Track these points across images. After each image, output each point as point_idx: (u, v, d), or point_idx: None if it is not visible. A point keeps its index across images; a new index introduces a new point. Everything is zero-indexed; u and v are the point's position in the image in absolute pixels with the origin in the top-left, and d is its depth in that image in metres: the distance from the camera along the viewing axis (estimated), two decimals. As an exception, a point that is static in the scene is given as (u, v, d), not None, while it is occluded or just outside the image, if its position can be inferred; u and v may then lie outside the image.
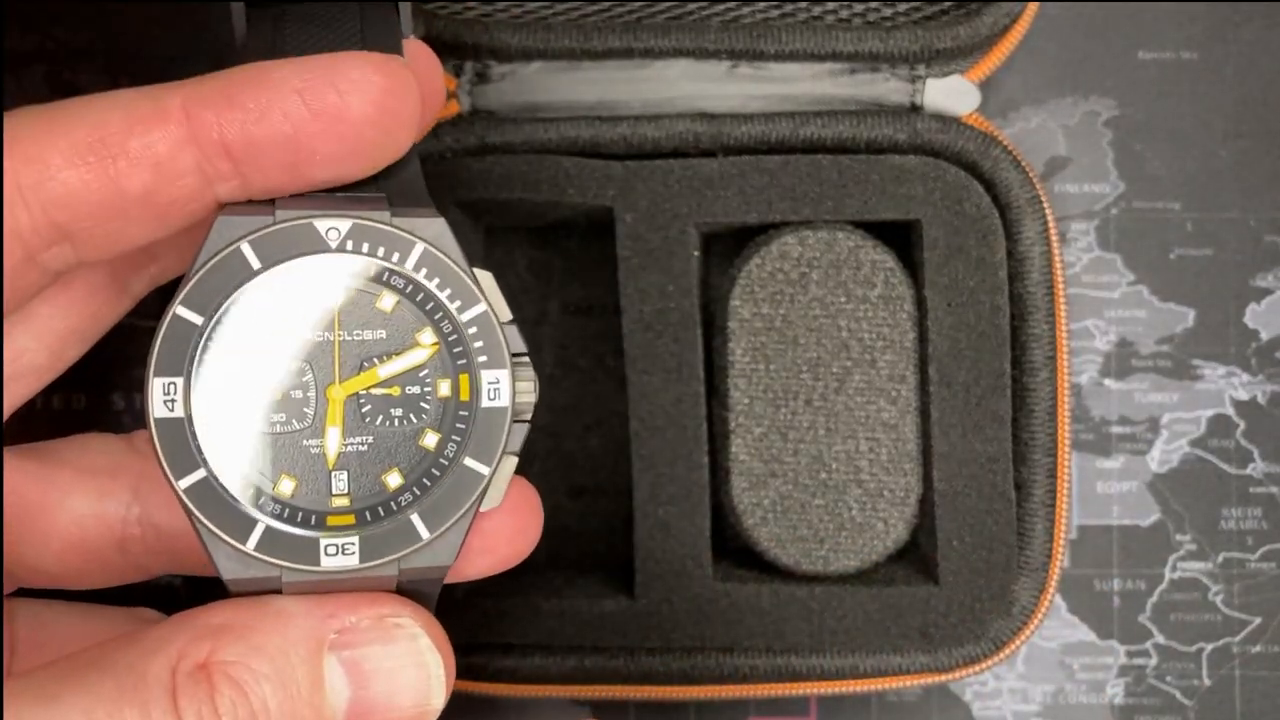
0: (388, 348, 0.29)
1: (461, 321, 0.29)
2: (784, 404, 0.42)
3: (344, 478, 0.28)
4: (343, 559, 0.28)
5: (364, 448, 0.28)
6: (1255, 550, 0.45)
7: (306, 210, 0.28)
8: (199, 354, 0.28)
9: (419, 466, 0.29)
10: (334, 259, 0.28)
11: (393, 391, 0.29)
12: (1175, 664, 0.45)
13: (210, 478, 0.27)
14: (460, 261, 0.29)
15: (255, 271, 0.28)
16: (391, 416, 0.29)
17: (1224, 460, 0.46)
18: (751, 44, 0.41)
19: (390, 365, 0.29)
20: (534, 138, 0.41)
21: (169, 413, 0.27)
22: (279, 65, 0.28)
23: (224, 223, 0.28)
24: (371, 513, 0.28)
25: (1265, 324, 0.46)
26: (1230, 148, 0.46)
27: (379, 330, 0.29)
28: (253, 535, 0.28)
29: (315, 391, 0.28)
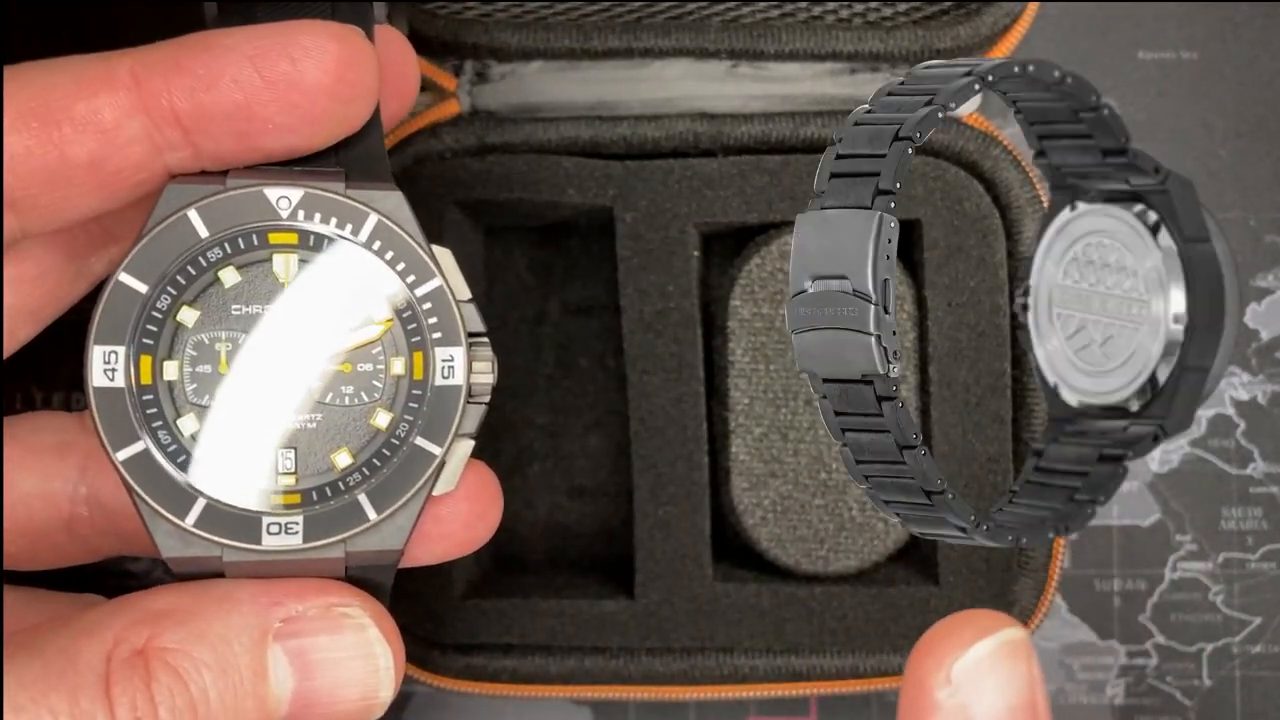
0: (339, 324, 0.28)
1: (415, 297, 0.28)
2: (784, 404, 0.42)
3: (291, 455, 0.28)
4: (285, 538, 0.27)
5: (312, 425, 0.28)
6: (1255, 550, 0.45)
7: (256, 177, 0.27)
8: (143, 324, 0.27)
9: (369, 446, 0.28)
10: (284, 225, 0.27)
11: (344, 368, 0.28)
12: (1175, 664, 0.45)
13: (149, 450, 0.27)
14: (417, 235, 0.28)
15: (203, 240, 0.27)
16: (342, 394, 0.28)
17: (1224, 460, 0.45)
18: (751, 44, 0.41)
19: (343, 340, 0.28)
20: (534, 138, 0.41)
21: (109, 382, 0.27)
22: (230, 32, 0.27)
23: (172, 189, 0.27)
24: (318, 492, 0.28)
25: (1266, 324, 0.46)
26: (1230, 148, 0.46)
27: (332, 304, 0.28)
28: (192, 511, 0.27)
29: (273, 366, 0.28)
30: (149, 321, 0.27)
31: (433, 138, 0.41)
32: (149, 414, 0.27)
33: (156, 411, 0.27)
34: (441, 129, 0.41)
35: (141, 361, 0.27)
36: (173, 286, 0.27)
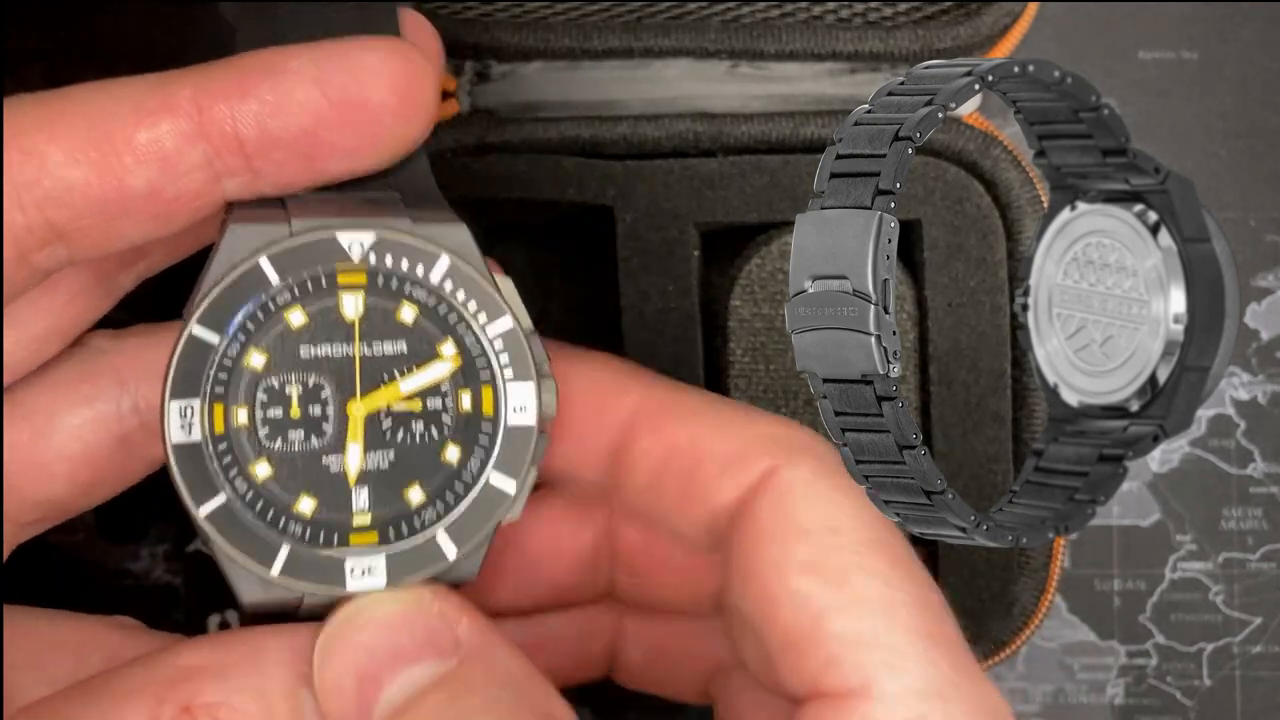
0: (408, 361, 0.28)
1: (487, 335, 0.28)
2: (784, 404, 0.42)
3: (365, 494, 0.27)
4: (369, 579, 0.27)
5: (385, 464, 0.28)
6: (1256, 550, 0.45)
7: (323, 219, 0.27)
8: (215, 373, 0.26)
9: (441, 481, 0.28)
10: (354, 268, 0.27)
11: (413, 406, 0.28)
12: (1176, 664, 0.45)
13: (231, 501, 0.26)
14: (483, 270, 0.28)
15: (274, 287, 0.27)
16: (413, 431, 0.28)
17: (1224, 460, 0.45)
18: (752, 44, 0.41)
19: (412, 380, 0.28)
20: (534, 137, 0.41)
21: (187, 437, 0.26)
22: (293, 53, 0.26)
23: (237, 232, 0.27)
24: (395, 529, 0.28)
25: (1266, 324, 0.46)
26: (1230, 147, 0.46)
27: (399, 342, 0.28)
28: (277, 560, 0.27)
29: (334, 407, 0.27)
30: (220, 370, 0.27)
31: (433, 137, 0.41)
32: (225, 463, 0.27)
33: (231, 460, 0.27)
34: (441, 129, 0.41)
35: (215, 410, 0.27)
36: (242, 333, 0.27)
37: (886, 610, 0.27)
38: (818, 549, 0.28)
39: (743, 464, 0.29)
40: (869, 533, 0.28)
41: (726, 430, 0.30)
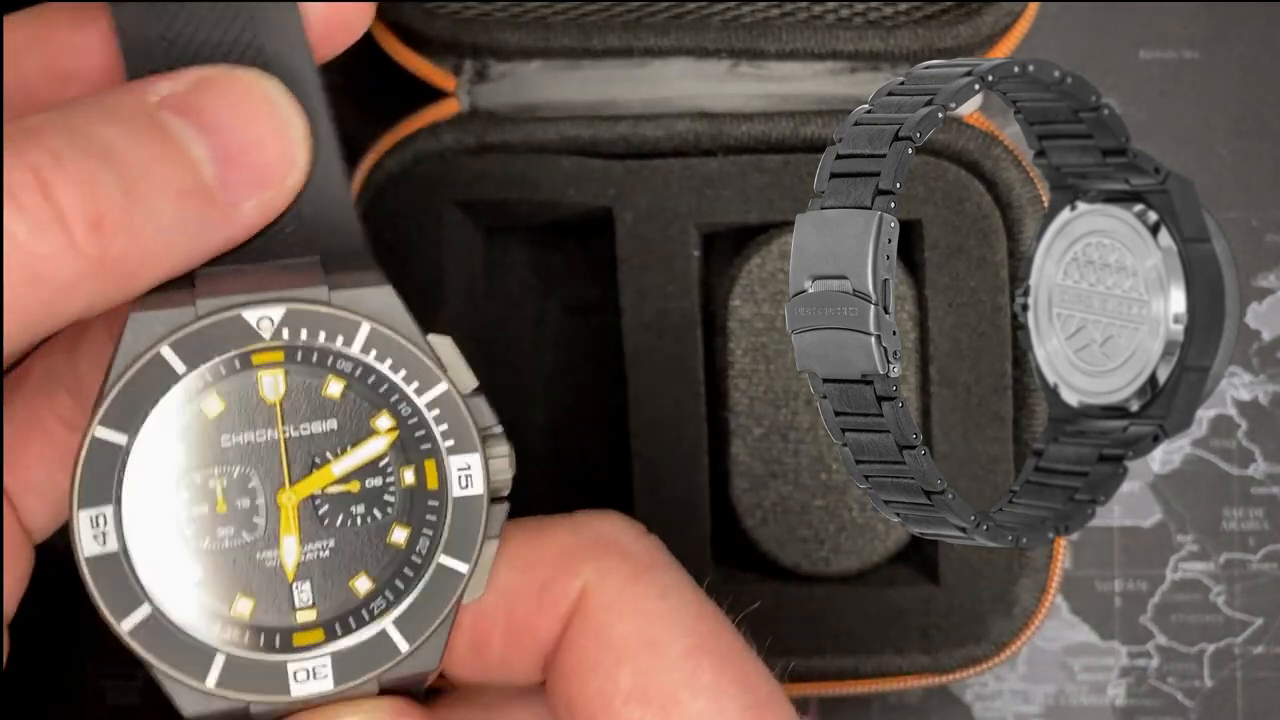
0: (340, 440, 0.25)
1: (420, 404, 0.26)
2: (784, 404, 0.42)
3: (307, 589, 0.25)
4: (315, 684, 0.25)
5: (325, 553, 0.25)
6: (1257, 551, 0.45)
7: (230, 296, 0.25)
8: (125, 475, 0.24)
9: (389, 567, 0.26)
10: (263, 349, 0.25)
11: (351, 487, 0.26)
12: (1177, 665, 0.45)
13: (156, 613, 0.24)
14: (413, 333, 0.26)
15: (179, 375, 0.25)
16: (353, 515, 0.26)
17: (1226, 461, 0.45)
18: (752, 43, 0.41)
19: (345, 460, 0.25)
20: (534, 137, 0.41)
21: (101, 548, 0.24)
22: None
23: (137, 320, 0.24)
24: (342, 624, 0.26)
25: (1267, 324, 0.46)
26: (1232, 147, 0.46)
27: (329, 420, 0.25)
28: (212, 670, 0.25)
29: (264, 498, 0.25)
30: (134, 471, 0.25)
31: (432, 137, 0.41)
32: (149, 570, 0.25)
33: (157, 565, 0.25)
34: (441, 128, 0.41)
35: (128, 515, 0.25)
36: (154, 429, 0.25)
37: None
38: (640, 672, 0.26)
39: (554, 592, 0.27)
40: (689, 640, 0.26)
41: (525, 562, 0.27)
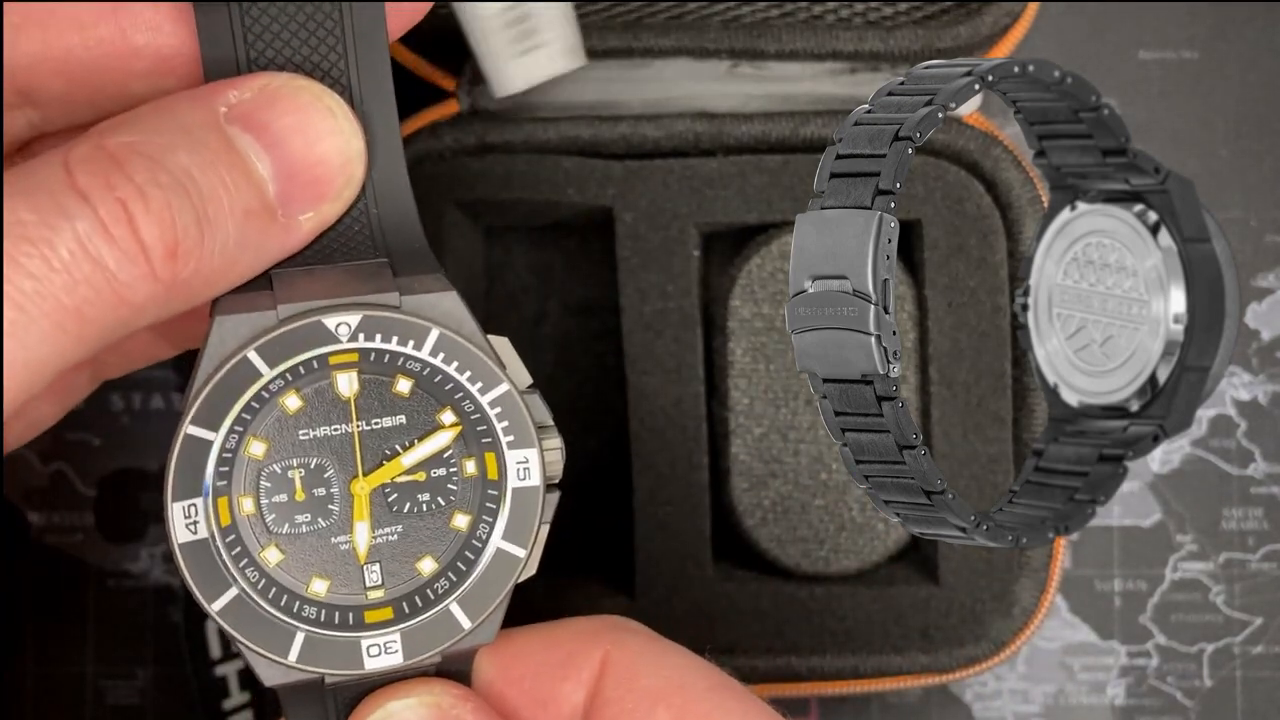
0: (408, 434, 0.28)
1: (484, 403, 0.28)
2: (784, 404, 0.42)
3: (377, 570, 0.28)
4: (386, 658, 0.27)
5: (394, 537, 0.28)
6: (1256, 551, 0.45)
7: (309, 301, 0.27)
8: (215, 468, 0.26)
9: (451, 549, 0.28)
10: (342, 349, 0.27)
11: (418, 477, 0.28)
12: (1176, 665, 0.45)
13: (243, 594, 0.27)
14: (476, 336, 0.27)
15: (262, 376, 0.26)
16: (419, 502, 0.28)
17: (1225, 460, 0.45)
18: (751, 43, 0.41)
19: (414, 453, 0.28)
20: (534, 137, 0.41)
21: (193, 535, 0.26)
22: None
23: (223, 324, 0.26)
24: (409, 604, 0.28)
25: (1266, 324, 0.46)
26: (1231, 147, 0.46)
27: (398, 416, 0.28)
28: (293, 647, 0.27)
29: (339, 487, 0.27)
30: (220, 464, 0.27)
31: (432, 137, 0.41)
32: (234, 554, 0.27)
33: (241, 550, 0.27)
34: (441, 128, 0.41)
35: (219, 504, 0.27)
36: (239, 425, 0.27)
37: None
38: (674, 708, 0.28)
39: (578, 664, 0.29)
40: (711, 678, 0.29)
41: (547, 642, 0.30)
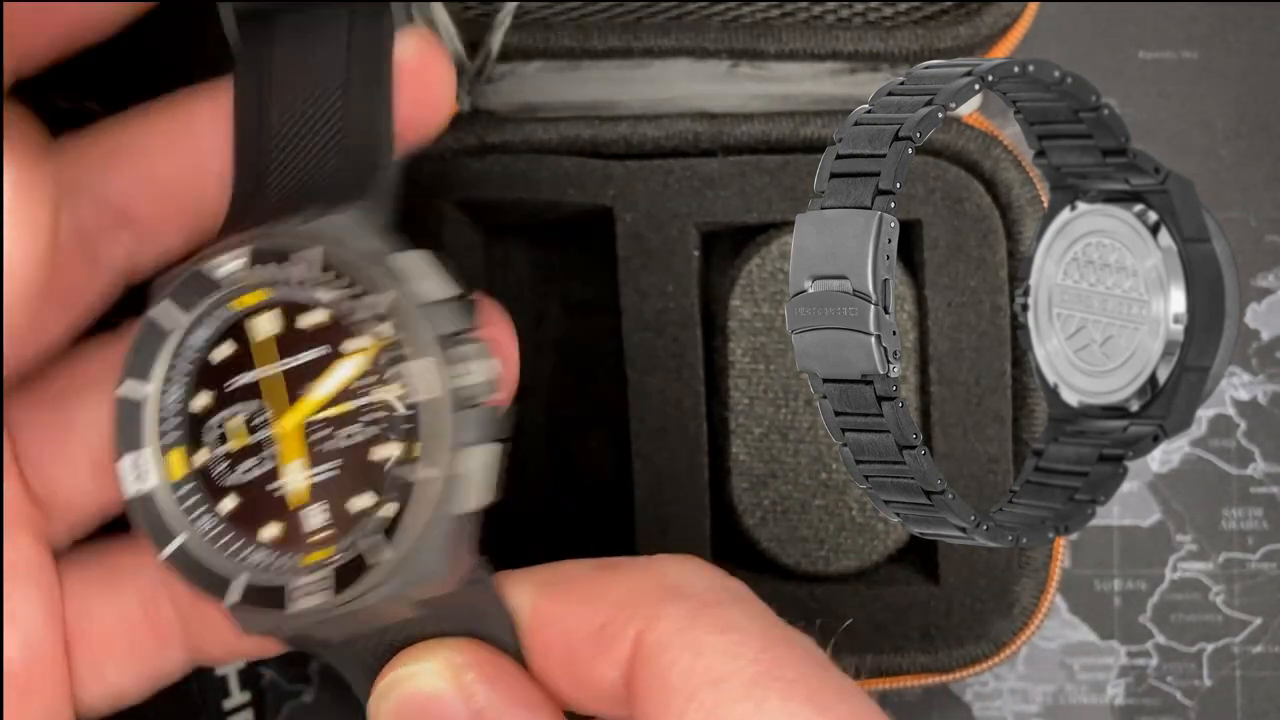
0: (320, 368, 0.27)
1: (382, 314, 0.26)
2: (784, 404, 0.42)
3: (316, 511, 0.27)
4: (317, 598, 0.27)
5: (331, 473, 0.27)
6: (1256, 550, 0.45)
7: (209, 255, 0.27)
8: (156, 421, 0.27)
9: (383, 482, 0.27)
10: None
11: (340, 409, 0.27)
12: (1176, 664, 0.45)
13: (189, 541, 0.27)
14: (371, 249, 0.27)
15: (184, 325, 0.27)
16: (347, 435, 0.27)
17: (1225, 460, 0.45)
18: (752, 43, 0.41)
19: (325, 383, 0.27)
20: (534, 137, 0.41)
21: (141, 486, 0.27)
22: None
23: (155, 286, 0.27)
24: (343, 541, 0.27)
25: (1266, 324, 0.46)
26: (1231, 148, 0.46)
27: (318, 348, 0.27)
28: (231, 591, 0.27)
29: (272, 431, 0.27)
30: (162, 418, 0.27)
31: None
32: (187, 506, 0.27)
33: (196, 501, 0.27)
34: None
35: (171, 456, 0.27)
36: (174, 377, 0.27)
37: None
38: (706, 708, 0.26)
39: (610, 639, 0.27)
40: (753, 669, 0.26)
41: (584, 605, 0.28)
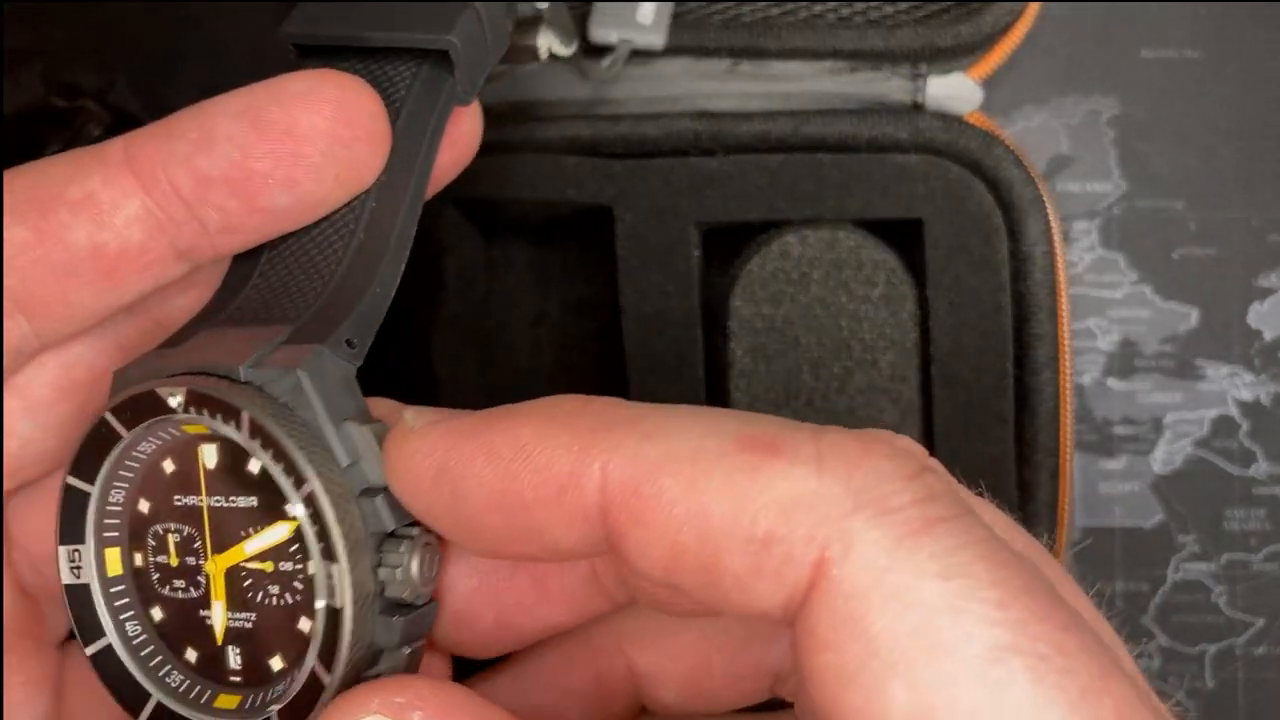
0: (257, 519, 0.26)
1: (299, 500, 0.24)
2: (784, 404, 0.42)
3: (236, 654, 0.26)
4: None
5: (249, 624, 0.26)
6: (1259, 551, 0.45)
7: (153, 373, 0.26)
8: (98, 519, 0.26)
9: (298, 656, 0.25)
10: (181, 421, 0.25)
11: (266, 567, 0.26)
12: (1178, 666, 0.45)
13: (115, 645, 0.27)
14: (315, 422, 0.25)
15: (123, 438, 0.26)
16: (270, 594, 0.26)
17: (1227, 461, 0.45)
18: (752, 42, 0.41)
19: (256, 540, 0.26)
20: (534, 137, 0.41)
21: (75, 579, 0.26)
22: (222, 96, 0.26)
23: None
24: (254, 699, 0.26)
25: (1269, 324, 0.45)
26: (1234, 146, 0.45)
27: (250, 497, 0.26)
28: (144, 712, 0.26)
29: (204, 559, 0.26)
30: (107, 515, 0.27)
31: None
32: (118, 605, 0.27)
33: (127, 602, 0.27)
34: (440, 128, 0.41)
35: (107, 554, 0.27)
36: (119, 481, 0.26)
37: None
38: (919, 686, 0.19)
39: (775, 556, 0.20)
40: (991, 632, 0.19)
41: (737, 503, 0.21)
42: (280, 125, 0.25)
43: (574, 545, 0.23)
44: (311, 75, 0.26)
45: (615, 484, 0.22)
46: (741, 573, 0.21)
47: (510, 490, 0.23)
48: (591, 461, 0.22)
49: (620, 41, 0.40)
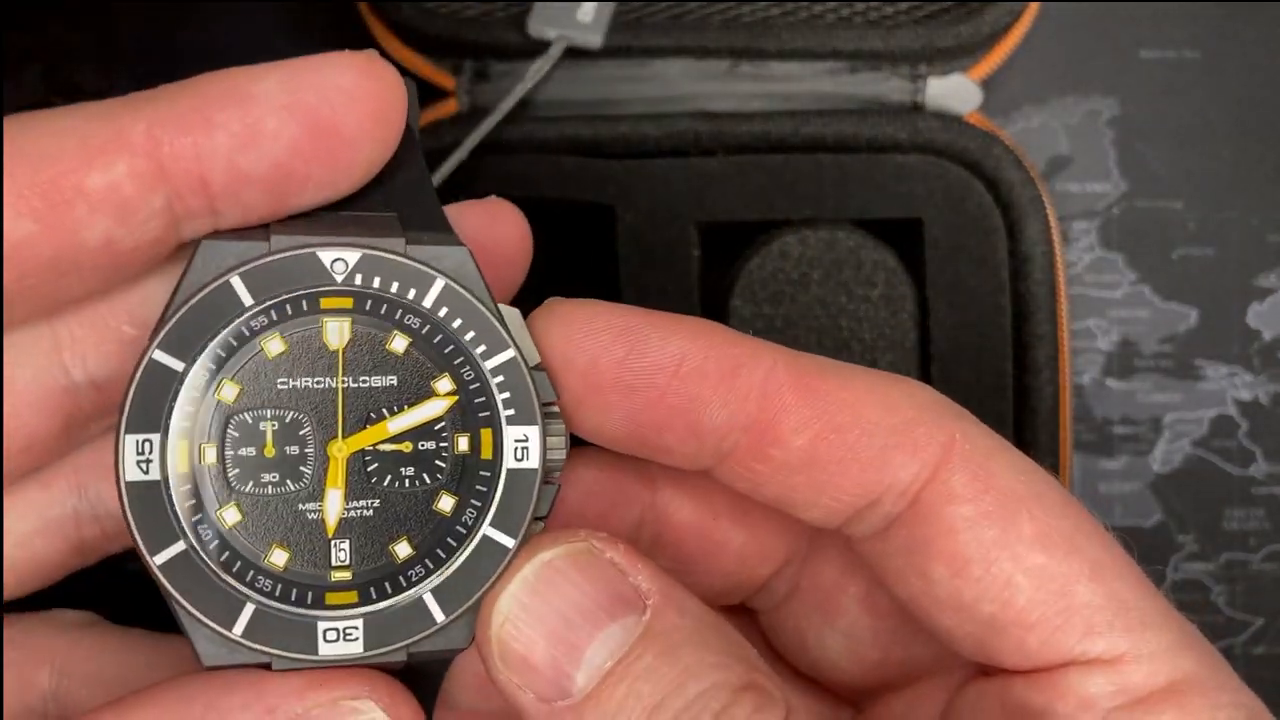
0: (399, 397, 0.25)
1: (485, 369, 0.25)
2: (785, 404, 0.42)
3: (346, 547, 0.25)
4: (344, 645, 0.24)
5: (369, 512, 0.25)
6: (1258, 551, 0.45)
7: (306, 236, 0.24)
8: (179, 405, 0.24)
9: (432, 535, 0.25)
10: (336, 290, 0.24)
11: (403, 448, 0.25)
12: (1177, 665, 0.45)
13: (190, 551, 0.24)
14: (485, 298, 0.25)
15: (246, 309, 0.24)
16: (402, 476, 0.25)
17: (1226, 460, 0.45)
18: (752, 42, 0.41)
19: (402, 418, 0.25)
20: (534, 137, 0.41)
21: (143, 475, 0.24)
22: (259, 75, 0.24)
23: (209, 248, 0.24)
24: (377, 589, 0.25)
25: (1268, 323, 0.45)
26: (1232, 147, 0.45)
27: (389, 376, 0.25)
28: (240, 619, 0.24)
29: (314, 447, 0.24)
30: (186, 402, 0.24)
31: (432, 137, 0.41)
32: (188, 506, 0.24)
33: (196, 503, 0.24)
34: (441, 128, 0.41)
35: (179, 447, 0.24)
36: (212, 361, 0.24)
37: (1119, 572, 0.26)
38: (1037, 518, 0.25)
39: (914, 437, 0.26)
40: (1058, 490, 0.26)
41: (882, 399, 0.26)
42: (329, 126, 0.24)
43: (719, 425, 0.26)
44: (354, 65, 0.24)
45: (784, 372, 0.26)
46: (885, 447, 0.26)
47: (691, 354, 0.25)
48: (764, 354, 0.26)
49: (557, 38, 0.40)
